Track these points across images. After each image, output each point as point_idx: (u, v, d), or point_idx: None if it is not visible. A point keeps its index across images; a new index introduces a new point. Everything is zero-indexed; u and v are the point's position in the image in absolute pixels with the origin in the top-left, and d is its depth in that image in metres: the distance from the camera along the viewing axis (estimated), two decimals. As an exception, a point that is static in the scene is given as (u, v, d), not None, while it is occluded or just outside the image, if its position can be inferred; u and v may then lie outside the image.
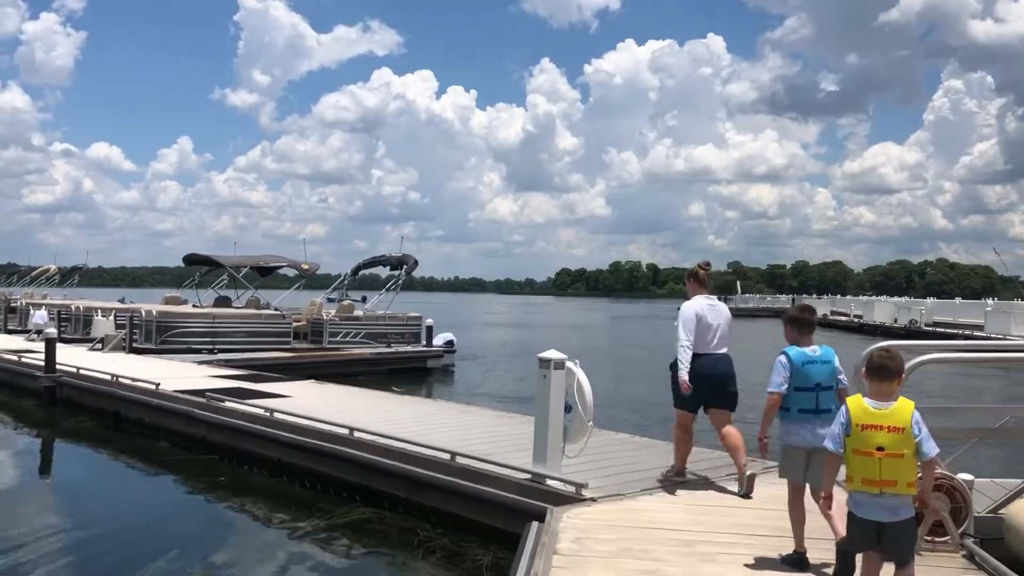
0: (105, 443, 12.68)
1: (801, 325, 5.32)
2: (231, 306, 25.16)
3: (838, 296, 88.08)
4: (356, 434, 8.82)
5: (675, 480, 7.24)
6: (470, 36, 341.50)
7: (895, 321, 49.72)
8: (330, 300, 26.24)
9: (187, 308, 23.18)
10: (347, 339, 22.77)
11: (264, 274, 27.52)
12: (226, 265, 25.54)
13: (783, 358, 5.14)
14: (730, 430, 7.01)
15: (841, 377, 5.26)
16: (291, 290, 27.45)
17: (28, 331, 24.20)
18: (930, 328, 44.23)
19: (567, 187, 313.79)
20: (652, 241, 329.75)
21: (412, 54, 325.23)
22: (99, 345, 20.36)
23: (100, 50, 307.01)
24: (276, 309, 23.53)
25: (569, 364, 7.20)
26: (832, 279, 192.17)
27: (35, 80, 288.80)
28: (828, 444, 4.25)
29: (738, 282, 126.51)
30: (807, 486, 5.17)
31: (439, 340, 24.65)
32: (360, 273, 26.87)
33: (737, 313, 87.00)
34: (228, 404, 10.92)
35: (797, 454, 5.15)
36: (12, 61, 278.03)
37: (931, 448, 4.06)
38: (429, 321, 24.46)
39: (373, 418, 10.27)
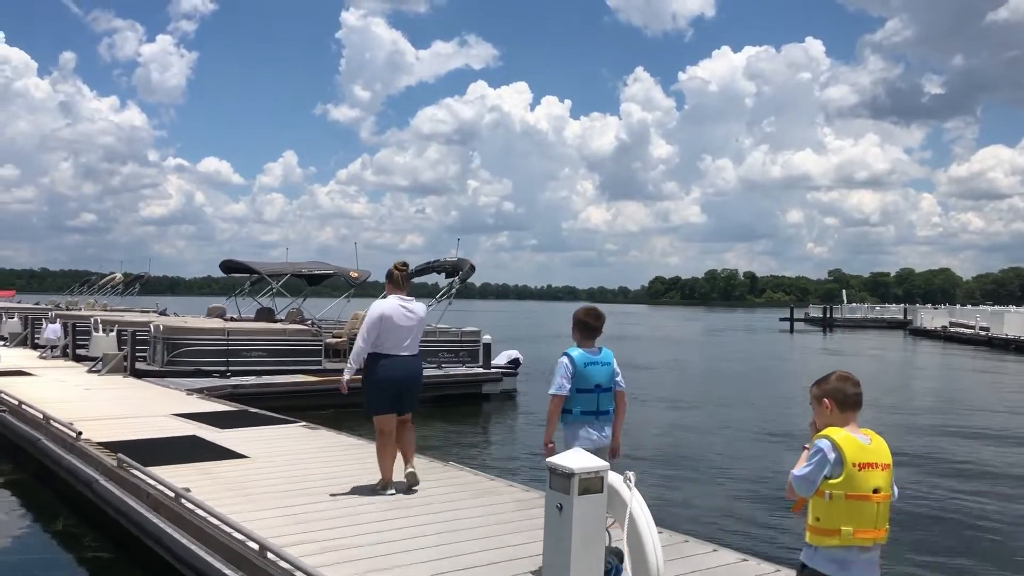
0: (26, 502, 9.55)
1: (587, 329, 5.20)
2: (274, 319, 22.13)
3: (956, 306, 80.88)
4: (269, 555, 5.23)
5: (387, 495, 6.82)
6: (565, 47, 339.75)
7: (1032, 335, 43.99)
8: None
9: (201, 322, 20.11)
10: (390, 359, 19.29)
11: (313, 283, 24.36)
12: (263, 273, 22.44)
13: (565, 360, 5.06)
14: (409, 435, 7.02)
15: (619, 380, 5.20)
16: (339, 300, 24.14)
17: (43, 347, 21.61)
18: (1079, 345, 38.37)
19: (661, 195, 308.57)
20: (749, 249, 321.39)
21: (507, 66, 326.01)
22: (99, 366, 17.45)
23: (210, 69, 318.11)
24: (313, 323, 20.25)
25: (613, 480, 3.47)
26: (940, 287, 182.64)
27: (151, 99, 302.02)
28: (801, 490, 3.12)
29: (844, 291, 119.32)
30: None
31: (502, 359, 20.98)
32: (411, 281, 23.31)
33: (845, 324, 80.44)
34: (135, 474, 7.43)
35: None
36: (130, 82, 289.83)
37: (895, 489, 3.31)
38: (487, 337, 20.71)
39: (332, 508, 6.68)
